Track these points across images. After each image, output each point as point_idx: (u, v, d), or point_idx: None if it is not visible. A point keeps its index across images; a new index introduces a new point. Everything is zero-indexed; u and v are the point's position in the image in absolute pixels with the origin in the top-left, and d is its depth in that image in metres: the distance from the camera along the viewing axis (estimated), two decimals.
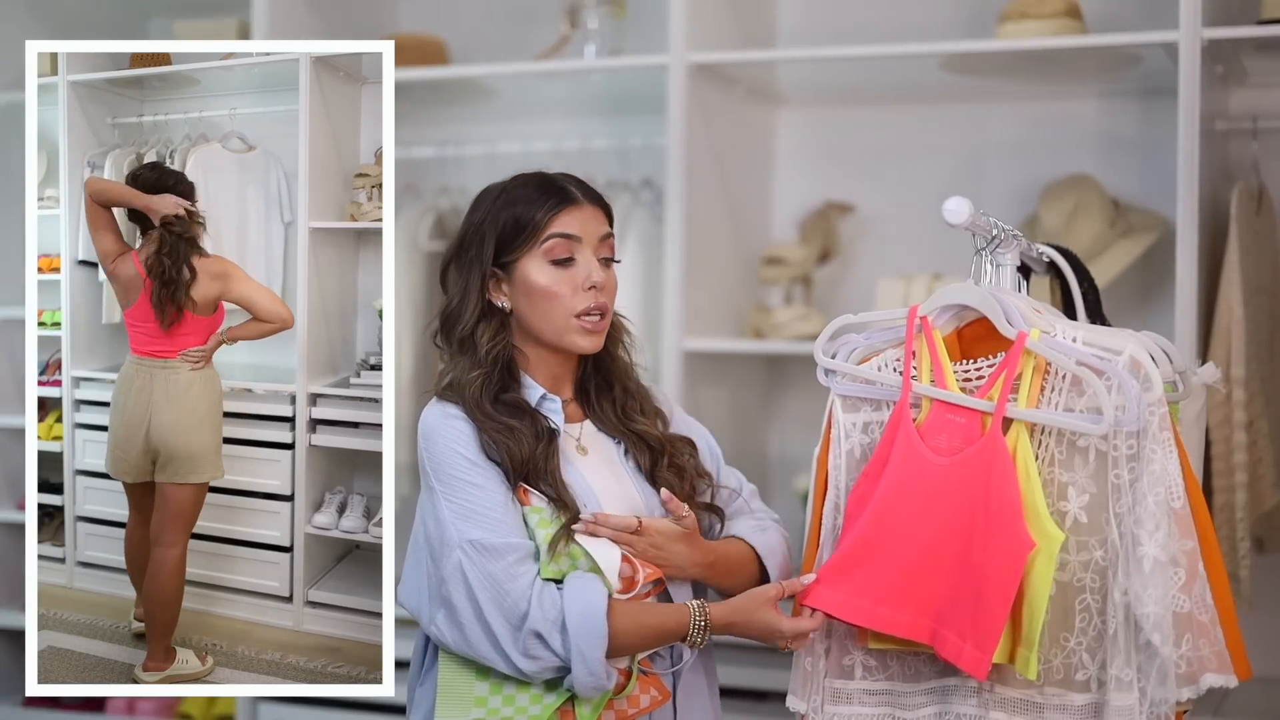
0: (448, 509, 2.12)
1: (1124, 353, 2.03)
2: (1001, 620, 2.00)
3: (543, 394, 2.22)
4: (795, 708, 2.21)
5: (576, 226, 2.19)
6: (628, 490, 2.23)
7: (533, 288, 2.19)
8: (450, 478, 2.14)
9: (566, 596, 2.08)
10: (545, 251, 2.19)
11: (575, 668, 2.06)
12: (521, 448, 2.14)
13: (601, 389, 2.30)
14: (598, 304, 2.20)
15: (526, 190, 2.22)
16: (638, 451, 2.27)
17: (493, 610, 2.07)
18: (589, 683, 2.07)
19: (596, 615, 2.06)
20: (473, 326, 2.21)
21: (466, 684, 2.14)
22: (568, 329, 2.20)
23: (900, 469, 2.10)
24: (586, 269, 2.19)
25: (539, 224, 2.18)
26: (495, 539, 2.09)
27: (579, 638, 2.05)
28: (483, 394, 2.17)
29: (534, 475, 2.15)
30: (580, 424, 2.27)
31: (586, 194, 2.23)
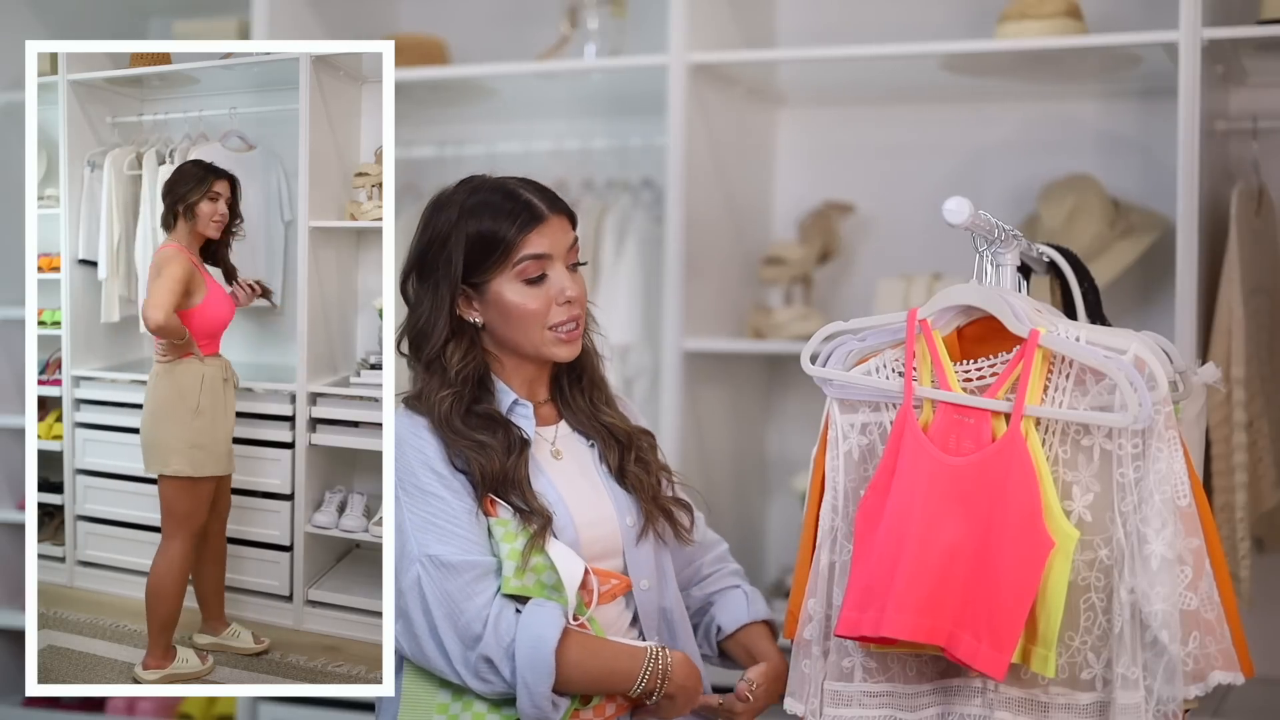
0: (410, 520, 2.12)
1: (1129, 351, 2.03)
2: (1021, 619, 2.00)
3: (514, 400, 2.22)
4: (794, 710, 2.21)
5: (546, 244, 2.18)
6: (600, 495, 2.23)
7: (507, 308, 2.18)
8: (415, 489, 2.13)
9: (520, 626, 2.07)
10: (518, 272, 2.17)
11: (520, 699, 2.07)
12: (492, 463, 2.13)
13: (573, 381, 2.30)
14: (571, 315, 2.20)
15: (490, 202, 2.18)
16: (608, 450, 2.27)
17: (447, 628, 2.07)
18: (532, 714, 2.08)
19: (544, 651, 2.06)
20: (441, 347, 2.20)
21: (429, 692, 2.15)
22: (544, 342, 2.20)
23: (912, 473, 2.09)
24: (560, 284, 2.18)
25: (510, 245, 2.16)
26: (454, 555, 2.09)
27: (525, 670, 2.05)
28: (453, 411, 2.16)
29: (503, 487, 2.14)
30: (555, 426, 2.27)
31: (551, 205, 2.20)
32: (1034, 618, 2.02)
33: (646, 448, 2.31)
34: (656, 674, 2.13)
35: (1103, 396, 2.04)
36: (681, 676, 2.16)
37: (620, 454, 2.27)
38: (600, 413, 2.29)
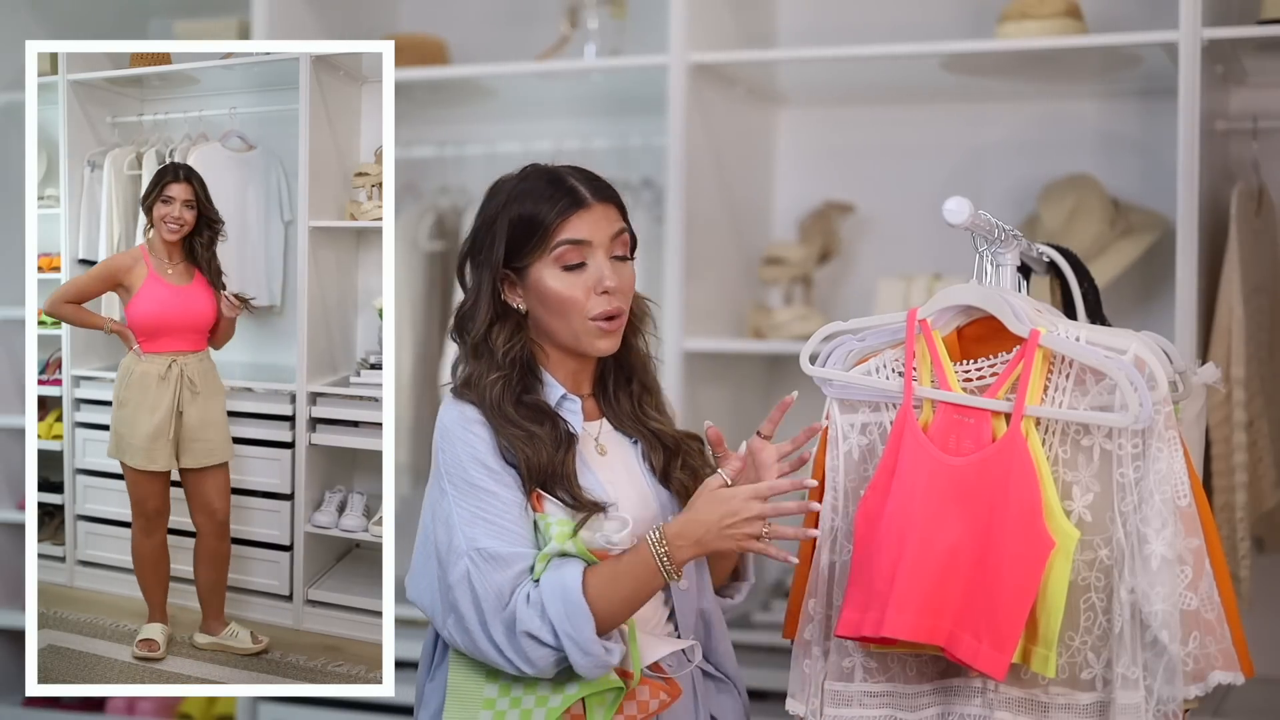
0: (458, 514, 2.10)
1: (1129, 351, 2.03)
2: (1022, 619, 2.00)
3: (563, 394, 2.20)
4: (795, 711, 2.21)
5: (586, 230, 2.16)
6: (644, 494, 2.21)
7: (545, 294, 2.17)
8: (464, 482, 2.12)
9: (544, 588, 2.05)
10: (556, 258, 2.15)
11: (571, 653, 2.04)
12: (541, 455, 2.11)
13: (619, 384, 2.27)
14: (612, 307, 2.17)
15: (535, 188, 2.18)
16: (652, 451, 2.25)
17: (494, 619, 2.06)
18: (588, 663, 2.04)
19: (573, 596, 2.03)
20: (486, 329, 2.19)
21: (475, 686, 2.14)
22: (584, 332, 2.17)
23: (912, 473, 2.09)
24: (598, 273, 2.16)
25: (548, 229, 2.15)
26: (504, 548, 2.08)
27: (563, 622, 2.03)
28: (504, 397, 2.14)
29: (551, 481, 2.13)
30: (599, 421, 2.26)
31: (596, 192, 2.19)
32: (1034, 618, 2.02)
33: (694, 453, 2.28)
34: (667, 551, 2.05)
35: (1103, 396, 2.04)
36: (680, 525, 2.05)
37: (666, 459, 2.25)
38: (648, 418, 2.26)
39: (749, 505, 2.03)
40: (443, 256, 3.87)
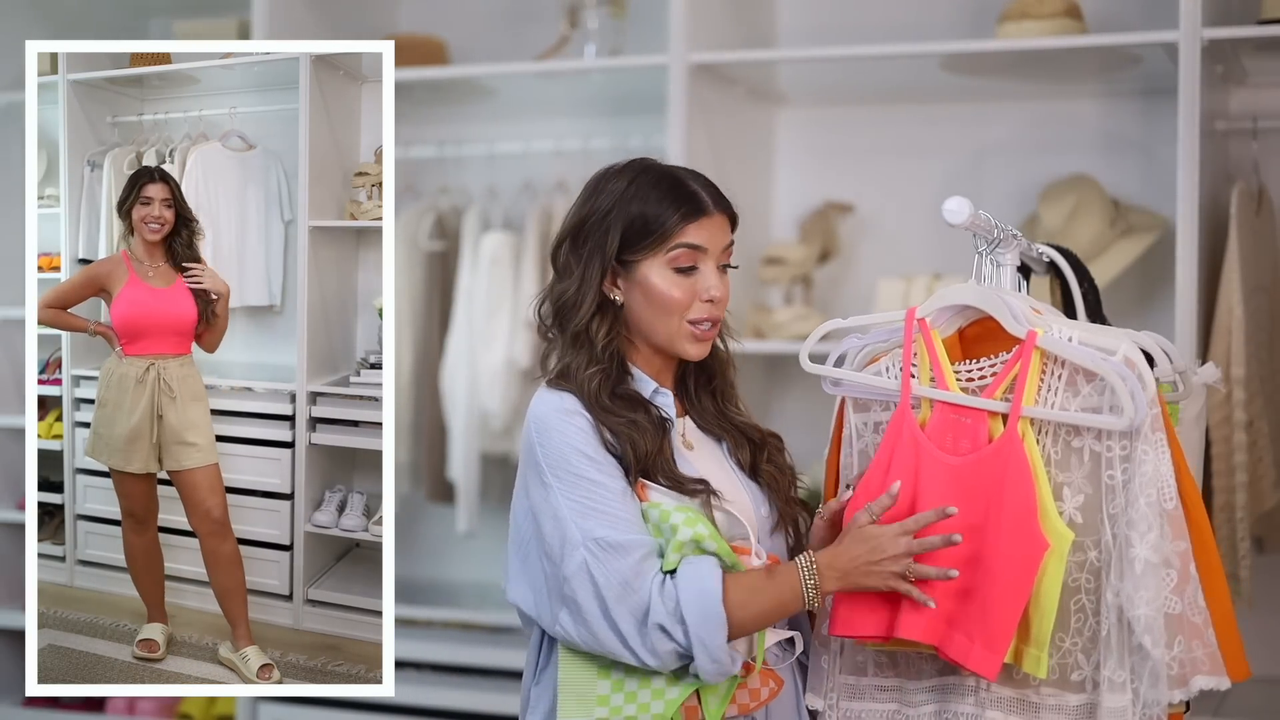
0: (567, 506, 2.09)
1: (1118, 352, 2.03)
2: (1015, 620, 1.99)
3: (655, 388, 2.20)
4: (813, 705, 2.22)
5: (704, 237, 2.16)
6: (735, 486, 2.21)
7: (651, 291, 2.16)
8: (569, 474, 2.10)
9: (681, 585, 2.04)
10: (670, 259, 2.15)
11: (698, 657, 2.03)
12: (645, 441, 2.12)
13: (701, 383, 2.28)
14: (711, 315, 2.18)
15: (659, 189, 2.17)
16: (738, 448, 2.25)
17: (620, 608, 2.04)
18: (713, 670, 2.04)
19: (712, 602, 2.03)
20: (588, 320, 2.18)
21: (588, 683, 2.11)
22: (679, 335, 2.17)
23: (909, 472, 2.09)
24: (707, 281, 2.16)
25: (669, 230, 2.15)
26: (620, 536, 2.06)
27: (698, 626, 2.02)
28: (601, 389, 2.14)
29: (653, 467, 2.12)
30: (683, 419, 2.26)
31: (717, 202, 2.19)
32: (1027, 618, 2.02)
33: (777, 449, 2.29)
34: (816, 582, 2.06)
35: (1093, 398, 2.04)
36: (830, 555, 2.07)
37: (753, 453, 2.25)
38: (730, 414, 2.28)
39: (896, 543, 2.04)
40: (442, 256, 3.87)
